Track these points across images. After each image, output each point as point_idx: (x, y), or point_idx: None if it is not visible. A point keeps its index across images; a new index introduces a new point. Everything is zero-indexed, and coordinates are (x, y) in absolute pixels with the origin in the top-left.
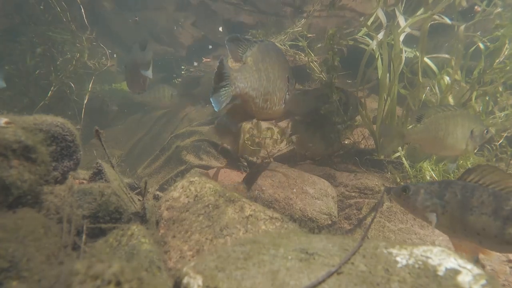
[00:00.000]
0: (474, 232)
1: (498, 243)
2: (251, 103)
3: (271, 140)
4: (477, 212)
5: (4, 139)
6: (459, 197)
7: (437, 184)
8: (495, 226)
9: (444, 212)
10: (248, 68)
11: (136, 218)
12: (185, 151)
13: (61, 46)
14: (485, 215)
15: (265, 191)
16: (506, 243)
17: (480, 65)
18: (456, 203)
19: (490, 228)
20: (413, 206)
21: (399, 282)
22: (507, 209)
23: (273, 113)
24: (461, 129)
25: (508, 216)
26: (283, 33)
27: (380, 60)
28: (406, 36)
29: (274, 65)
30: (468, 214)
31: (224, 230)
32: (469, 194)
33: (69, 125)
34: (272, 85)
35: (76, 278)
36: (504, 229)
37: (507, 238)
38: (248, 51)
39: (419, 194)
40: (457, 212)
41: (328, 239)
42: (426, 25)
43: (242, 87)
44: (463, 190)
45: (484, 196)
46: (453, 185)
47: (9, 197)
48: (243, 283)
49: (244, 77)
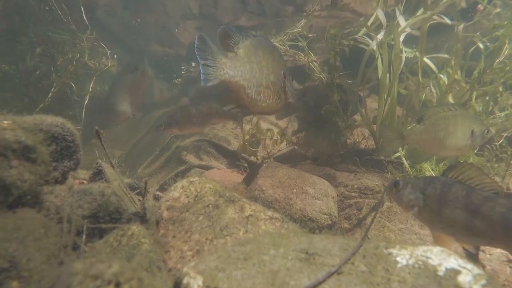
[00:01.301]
0: (448, 225)
1: (467, 235)
2: (243, 93)
3: (271, 140)
4: (452, 206)
5: (4, 139)
6: (438, 192)
7: (422, 180)
8: (465, 219)
9: (425, 205)
10: (240, 59)
11: (136, 218)
12: (185, 151)
13: (61, 46)
14: (457, 209)
15: (265, 191)
16: (473, 235)
17: (480, 65)
18: (435, 197)
19: (461, 221)
20: (401, 200)
21: (399, 282)
22: (475, 203)
23: (268, 106)
24: (462, 129)
25: (476, 209)
26: (283, 34)
27: (380, 60)
28: (406, 36)
29: (268, 59)
30: (444, 207)
31: (224, 230)
32: (446, 189)
33: (69, 125)
34: (265, 78)
35: (76, 278)
36: (472, 222)
37: (475, 230)
38: (240, 43)
39: (406, 188)
40: (435, 206)
41: (328, 239)
42: (426, 25)
43: (231, 74)
44: (442, 186)
45: (459, 191)
46: (435, 181)
47: (9, 197)
48: (243, 283)
49: (234, 66)
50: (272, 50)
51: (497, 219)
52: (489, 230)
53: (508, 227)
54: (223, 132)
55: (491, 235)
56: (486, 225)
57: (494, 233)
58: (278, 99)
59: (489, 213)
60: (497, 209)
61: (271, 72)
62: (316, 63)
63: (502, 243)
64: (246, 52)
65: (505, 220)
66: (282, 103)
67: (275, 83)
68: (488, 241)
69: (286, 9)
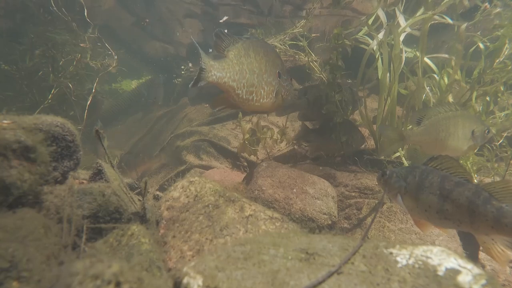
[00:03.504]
0: (424, 209)
1: (439, 218)
2: (233, 94)
3: (271, 140)
4: (427, 192)
5: (4, 139)
6: (417, 179)
7: (405, 169)
8: (437, 203)
9: (405, 192)
10: (228, 61)
11: (136, 218)
12: (185, 151)
13: (61, 46)
14: (431, 194)
15: (265, 191)
16: (445, 218)
17: (480, 65)
18: (414, 184)
19: (434, 205)
20: (388, 188)
21: (399, 282)
22: (447, 189)
23: (262, 106)
24: (462, 129)
25: (447, 195)
26: (283, 33)
27: (380, 60)
28: (406, 35)
29: (260, 60)
30: (420, 193)
31: (224, 230)
32: (424, 177)
33: (69, 125)
34: (257, 78)
35: (76, 278)
36: (443, 206)
37: (446, 214)
38: (230, 46)
39: (392, 177)
40: (414, 192)
41: (328, 239)
42: (426, 25)
43: (219, 76)
44: (421, 174)
45: (434, 179)
46: (416, 169)
47: (9, 197)
48: (243, 283)
49: (222, 68)
50: (266, 50)
51: (463, 202)
52: (457, 213)
53: (473, 210)
54: (223, 132)
55: (459, 217)
56: (455, 208)
57: (461, 215)
58: (274, 98)
59: (458, 197)
60: (465, 193)
61: (263, 72)
62: (316, 63)
63: (469, 225)
64: (236, 54)
65: (470, 203)
66: (278, 102)
67: (269, 83)
68: (457, 224)
69: (285, 8)
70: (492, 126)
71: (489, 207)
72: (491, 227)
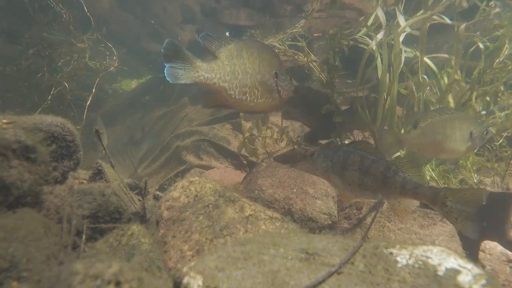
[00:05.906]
0: (348, 184)
1: (360, 190)
2: (225, 94)
3: (271, 139)
4: (350, 169)
5: (4, 139)
6: (341, 159)
7: (332, 150)
8: (359, 178)
9: (332, 171)
10: (219, 62)
11: (136, 218)
12: (185, 151)
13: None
14: (354, 171)
15: (265, 191)
16: (364, 189)
17: (480, 65)
18: (339, 163)
19: (356, 180)
20: (316, 167)
21: (399, 282)
22: (366, 165)
23: (257, 106)
24: (460, 131)
25: (366, 170)
26: (282, 33)
27: (380, 60)
28: (406, 35)
29: (254, 61)
30: (344, 171)
31: (224, 230)
32: (347, 157)
33: (69, 125)
34: (250, 79)
35: (76, 278)
36: (363, 180)
37: (365, 185)
38: (222, 47)
39: (320, 158)
40: (339, 170)
41: (328, 239)
42: (426, 25)
43: (207, 77)
44: (344, 154)
45: (355, 158)
46: (340, 151)
47: (9, 197)
48: (243, 283)
49: (211, 69)
50: (261, 51)
51: (379, 175)
52: (374, 185)
53: (386, 181)
54: (223, 132)
55: (376, 188)
56: (372, 181)
57: (377, 186)
58: (270, 98)
59: (374, 172)
60: (379, 168)
61: (257, 72)
62: (315, 63)
63: (384, 194)
64: (227, 56)
65: (383, 176)
66: (276, 102)
67: (264, 83)
68: (374, 193)
69: (285, 8)
70: (492, 126)
71: (397, 177)
72: (399, 193)
